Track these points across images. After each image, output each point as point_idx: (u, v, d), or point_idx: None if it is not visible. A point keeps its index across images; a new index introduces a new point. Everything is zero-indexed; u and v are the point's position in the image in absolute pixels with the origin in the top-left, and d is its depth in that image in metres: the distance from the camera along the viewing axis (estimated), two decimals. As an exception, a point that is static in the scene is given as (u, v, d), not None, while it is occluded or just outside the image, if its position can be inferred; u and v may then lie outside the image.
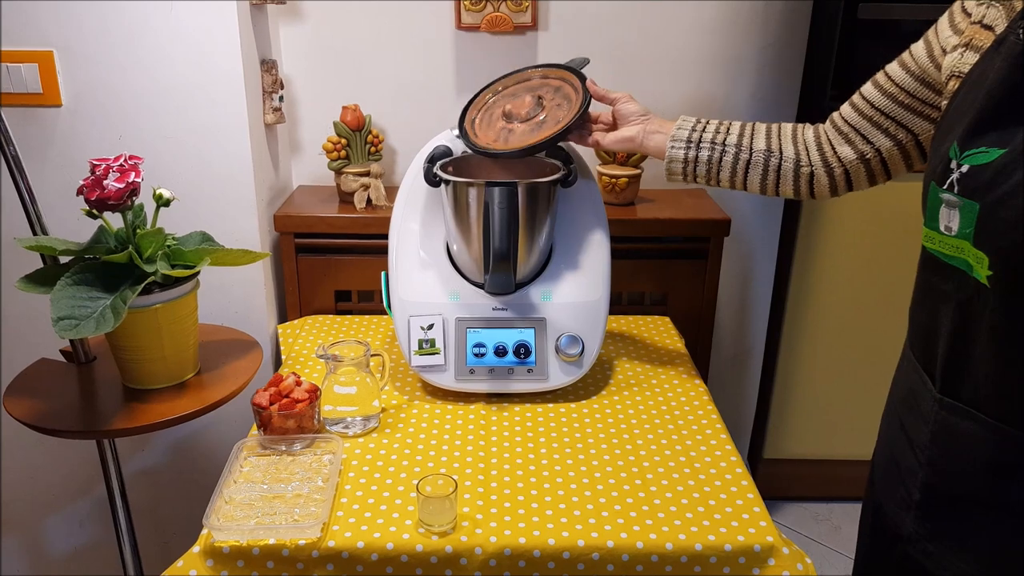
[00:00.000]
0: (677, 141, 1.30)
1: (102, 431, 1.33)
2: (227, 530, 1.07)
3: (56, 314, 1.21)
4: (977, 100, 0.91)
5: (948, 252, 0.92)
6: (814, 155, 1.25)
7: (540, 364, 1.41)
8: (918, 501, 1.02)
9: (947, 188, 0.91)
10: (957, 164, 0.90)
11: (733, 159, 1.28)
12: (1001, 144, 0.86)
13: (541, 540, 1.08)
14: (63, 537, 2.01)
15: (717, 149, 1.28)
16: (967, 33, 1.01)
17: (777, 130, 1.29)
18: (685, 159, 1.30)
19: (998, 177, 0.85)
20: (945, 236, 0.92)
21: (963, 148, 0.90)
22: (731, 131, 1.29)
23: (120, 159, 1.29)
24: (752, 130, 1.29)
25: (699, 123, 1.32)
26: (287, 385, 1.28)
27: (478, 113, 1.44)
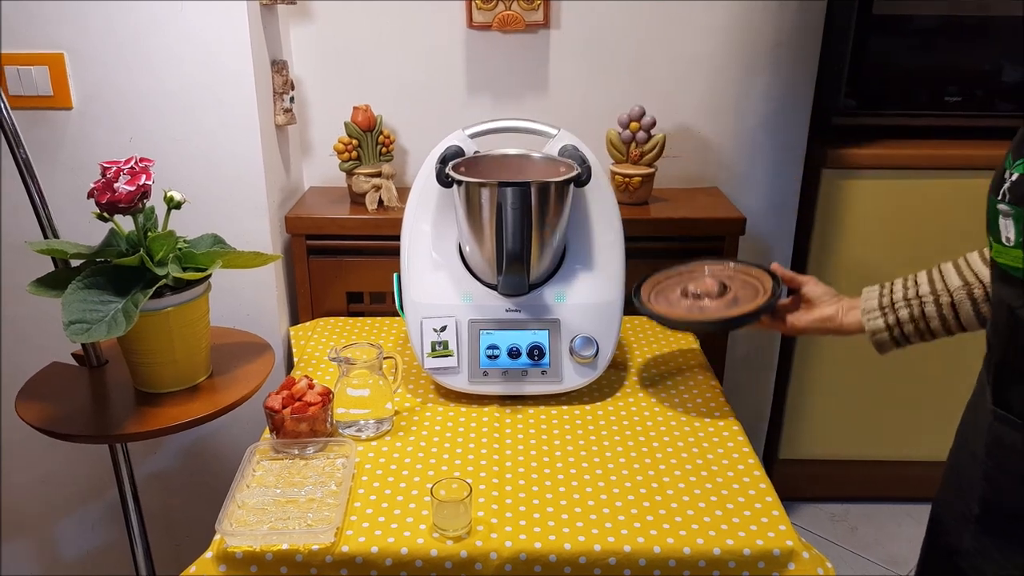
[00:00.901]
0: (870, 312, 1.21)
1: (114, 435, 1.32)
2: (240, 535, 1.06)
3: (68, 318, 1.21)
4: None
5: (1012, 263, 0.90)
6: None
7: (554, 366, 1.40)
8: (977, 515, 1.00)
9: (1000, 198, 0.89)
10: (1010, 173, 0.88)
11: (935, 307, 1.16)
12: None
13: (557, 544, 1.06)
14: (75, 540, 2.01)
15: (915, 304, 1.17)
16: None
17: (964, 262, 1.15)
18: (887, 325, 1.19)
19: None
20: (1007, 247, 0.90)
21: (1016, 156, 0.88)
22: (919, 282, 1.18)
23: (131, 161, 1.29)
24: (940, 272, 1.17)
25: (884, 287, 1.22)
26: (299, 388, 1.27)
27: (651, 291, 1.42)
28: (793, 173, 2.05)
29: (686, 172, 2.01)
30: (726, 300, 1.34)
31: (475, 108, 1.93)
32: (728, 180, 2.03)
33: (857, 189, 2.04)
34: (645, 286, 1.43)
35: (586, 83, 1.92)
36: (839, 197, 2.06)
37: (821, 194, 2.06)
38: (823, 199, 2.06)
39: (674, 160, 1.98)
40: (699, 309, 1.33)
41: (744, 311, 1.30)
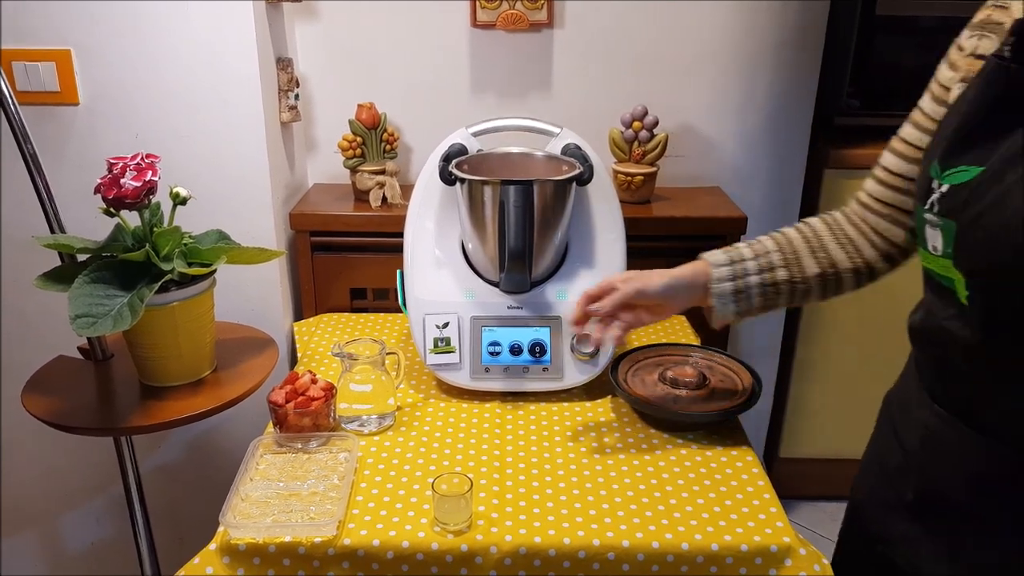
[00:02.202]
0: (715, 258, 1.18)
1: (119, 428, 1.34)
2: (243, 527, 1.07)
3: (74, 312, 1.22)
4: (955, 120, 0.90)
5: (939, 271, 0.91)
6: (868, 252, 1.14)
7: (555, 363, 1.41)
8: (909, 503, 1.02)
9: (928, 208, 0.90)
10: (938, 184, 0.89)
11: (789, 293, 1.16)
12: (980, 162, 0.84)
13: (556, 539, 1.07)
14: (80, 533, 2.02)
15: (768, 290, 1.15)
16: (963, 68, 0.99)
17: (818, 242, 1.16)
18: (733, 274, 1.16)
19: (974, 195, 0.83)
20: (934, 256, 0.91)
21: (943, 167, 0.89)
22: (773, 262, 1.16)
23: (137, 157, 1.30)
24: (794, 250, 1.16)
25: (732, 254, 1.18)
26: (303, 383, 1.28)
27: (628, 369, 1.44)
28: (795, 173, 2.06)
29: (688, 171, 2.02)
30: (703, 393, 1.36)
31: (479, 106, 1.94)
32: (730, 179, 2.04)
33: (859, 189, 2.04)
34: (624, 363, 1.45)
35: (589, 82, 1.93)
36: (841, 197, 2.05)
37: (823, 194, 2.06)
38: (825, 199, 2.06)
39: (676, 159, 1.99)
40: (674, 398, 1.35)
41: (718, 409, 1.33)
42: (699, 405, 1.33)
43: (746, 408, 1.32)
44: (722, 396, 1.36)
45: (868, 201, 1.14)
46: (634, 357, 1.47)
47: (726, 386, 1.38)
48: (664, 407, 1.32)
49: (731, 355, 1.47)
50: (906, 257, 1.14)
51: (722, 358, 1.47)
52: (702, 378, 1.38)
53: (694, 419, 1.32)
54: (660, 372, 1.41)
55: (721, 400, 1.34)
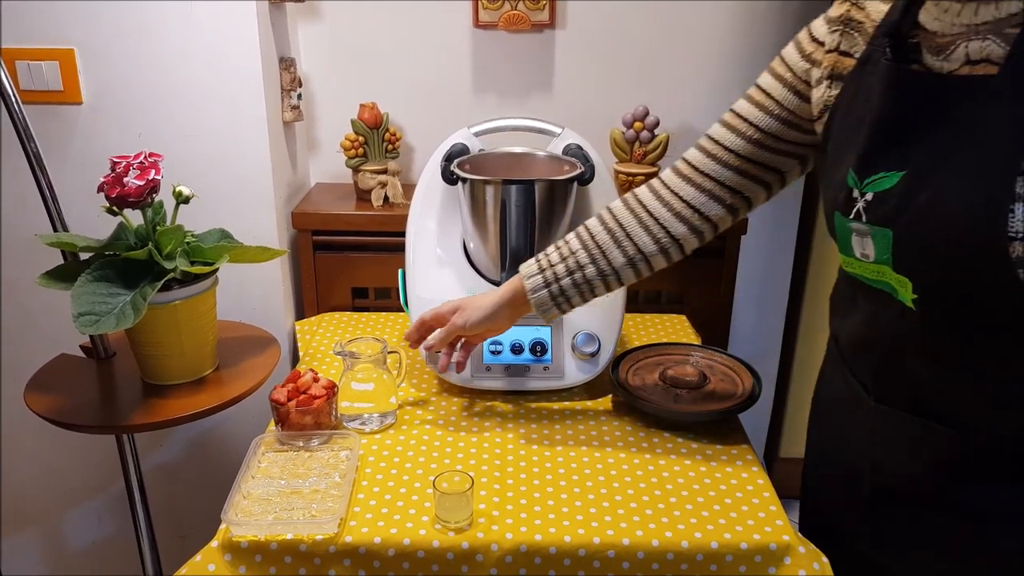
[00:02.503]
0: (529, 269, 1.22)
1: (121, 426, 1.34)
2: (245, 525, 1.08)
3: (77, 310, 1.22)
4: (863, 126, 0.90)
5: (870, 276, 0.93)
6: (677, 228, 1.16)
7: (556, 362, 1.41)
8: (866, 499, 1.03)
9: (854, 217, 0.91)
10: (860, 193, 0.90)
11: (604, 284, 1.20)
12: (899, 166, 0.86)
13: (557, 537, 1.08)
14: (82, 532, 2.03)
15: (582, 287, 1.20)
16: (826, 63, 1.01)
17: (622, 231, 1.17)
18: (545, 281, 1.21)
19: (904, 202, 0.85)
20: (864, 262, 0.92)
21: (861, 176, 0.90)
22: (582, 263, 1.19)
23: (140, 156, 1.30)
24: (601, 250, 1.18)
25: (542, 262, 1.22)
26: (305, 381, 1.28)
27: (629, 368, 1.45)
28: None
29: (689, 171, 2.02)
30: (703, 392, 1.37)
31: (480, 107, 1.94)
32: (731, 180, 2.04)
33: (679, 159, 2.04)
34: (624, 362, 1.46)
35: (590, 83, 1.93)
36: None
37: (824, 194, 2.06)
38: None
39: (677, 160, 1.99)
40: (674, 397, 1.36)
41: (717, 408, 1.33)
42: (699, 404, 1.34)
43: (746, 407, 1.33)
44: (722, 396, 1.36)
45: (688, 172, 1.16)
46: (635, 356, 1.47)
47: (726, 386, 1.39)
48: (664, 406, 1.33)
49: (731, 355, 1.47)
50: (715, 232, 1.18)
51: (722, 357, 1.47)
52: (702, 377, 1.38)
53: (694, 418, 1.32)
54: (661, 371, 1.42)
55: (721, 400, 1.35)
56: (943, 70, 0.86)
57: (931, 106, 0.84)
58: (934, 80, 0.86)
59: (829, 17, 1.04)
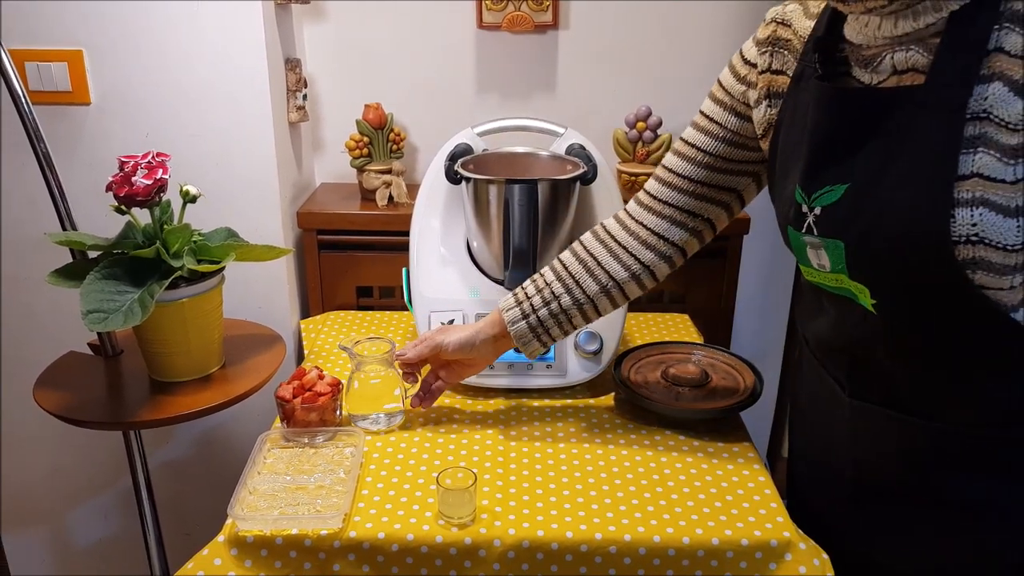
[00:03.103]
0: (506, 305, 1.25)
1: (128, 423, 1.36)
2: (251, 520, 1.09)
3: (85, 307, 1.24)
4: (803, 143, 0.93)
5: (831, 284, 0.95)
6: (646, 255, 1.19)
7: (559, 360, 1.42)
8: (849, 496, 1.04)
9: (806, 231, 0.93)
10: (808, 207, 0.92)
11: (581, 314, 1.23)
12: (842, 179, 0.88)
13: (559, 533, 1.09)
14: (89, 528, 2.05)
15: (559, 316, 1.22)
16: (760, 83, 1.03)
17: (593, 260, 1.21)
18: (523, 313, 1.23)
19: (850, 213, 0.87)
20: (822, 272, 0.94)
21: (808, 191, 0.92)
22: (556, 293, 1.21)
23: (148, 156, 1.32)
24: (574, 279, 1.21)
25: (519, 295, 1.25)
26: (310, 379, 1.30)
27: (631, 367, 1.46)
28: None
29: (692, 172, 2.03)
30: (705, 391, 1.38)
31: (484, 107, 1.96)
32: (734, 180, 2.05)
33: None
34: (627, 360, 1.47)
35: (593, 83, 1.94)
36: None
37: (826, 195, 2.07)
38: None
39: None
40: (676, 395, 1.37)
41: (719, 406, 1.34)
42: (701, 402, 1.35)
43: (748, 406, 1.33)
44: (724, 394, 1.37)
45: (649, 201, 1.19)
46: (637, 355, 1.48)
47: (728, 384, 1.40)
48: (667, 404, 1.34)
49: (733, 353, 1.48)
50: (684, 257, 1.21)
51: (724, 356, 1.48)
52: (704, 376, 1.39)
53: (696, 416, 1.33)
54: (663, 370, 1.43)
55: (723, 398, 1.36)
56: (872, 82, 0.88)
57: (863, 119, 0.86)
58: (863, 94, 0.88)
59: (757, 39, 1.07)
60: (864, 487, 1.03)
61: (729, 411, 1.33)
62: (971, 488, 0.93)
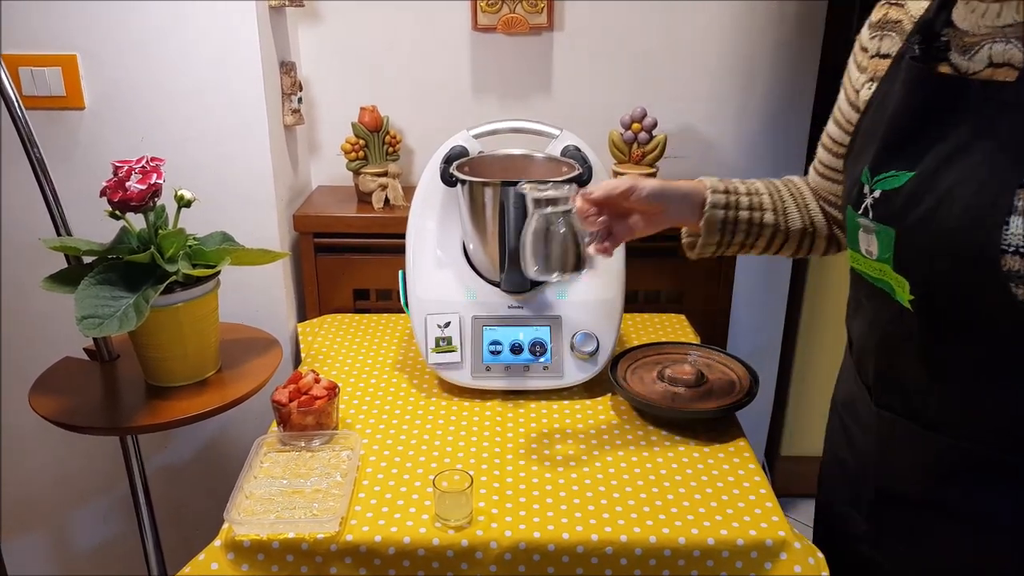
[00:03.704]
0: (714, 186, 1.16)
1: (125, 428, 1.35)
2: (247, 524, 1.09)
3: (80, 313, 1.23)
4: (882, 124, 0.91)
5: (872, 274, 0.93)
6: (819, 221, 1.18)
7: (555, 361, 1.42)
8: (870, 501, 1.04)
9: (862, 213, 0.91)
10: (870, 189, 0.90)
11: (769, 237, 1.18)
12: (909, 167, 0.86)
13: (555, 534, 1.09)
14: (87, 533, 2.04)
15: (753, 231, 1.16)
16: (870, 68, 1.01)
17: (801, 199, 1.19)
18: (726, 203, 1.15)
19: (910, 202, 0.85)
20: (867, 259, 0.93)
21: (874, 172, 0.90)
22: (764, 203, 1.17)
23: (142, 161, 1.32)
24: (782, 198, 1.18)
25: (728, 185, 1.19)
26: (306, 382, 1.30)
27: (627, 368, 1.46)
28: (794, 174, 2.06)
29: (687, 172, 2.03)
30: (701, 391, 1.38)
31: (480, 109, 1.96)
32: (730, 180, 2.05)
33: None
34: (623, 361, 1.47)
35: (589, 84, 1.94)
36: (840, 197, 2.07)
37: (822, 194, 2.07)
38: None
39: (675, 160, 2.00)
40: (672, 396, 1.37)
41: (716, 406, 1.34)
42: (697, 402, 1.35)
43: (743, 405, 1.34)
44: (720, 394, 1.37)
45: (812, 184, 1.20)
46: (633, 356, 1.49)
47: (724, 384, 1.40)
48: (663, 405, 1.34)
49: (729, 353, 1.48)
50: (835, 248, 1.20)
51: (720, 356, 1.48)
52: (700, 376, 1.39)
53: (692, 416, 1.33)
54: (659, 370, 1.43)
55: (719, 398, 1.36)
56: (968, 70, 0.85)
57: (946, 106, 0.84)
58: (952, 82, 0.86)
59: (870, 22, 1.04)
60: (883, 493, 1.03)
61: (725, 411, 1.33)
62: (987, 504, 0.91)
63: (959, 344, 0.87)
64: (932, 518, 0.97)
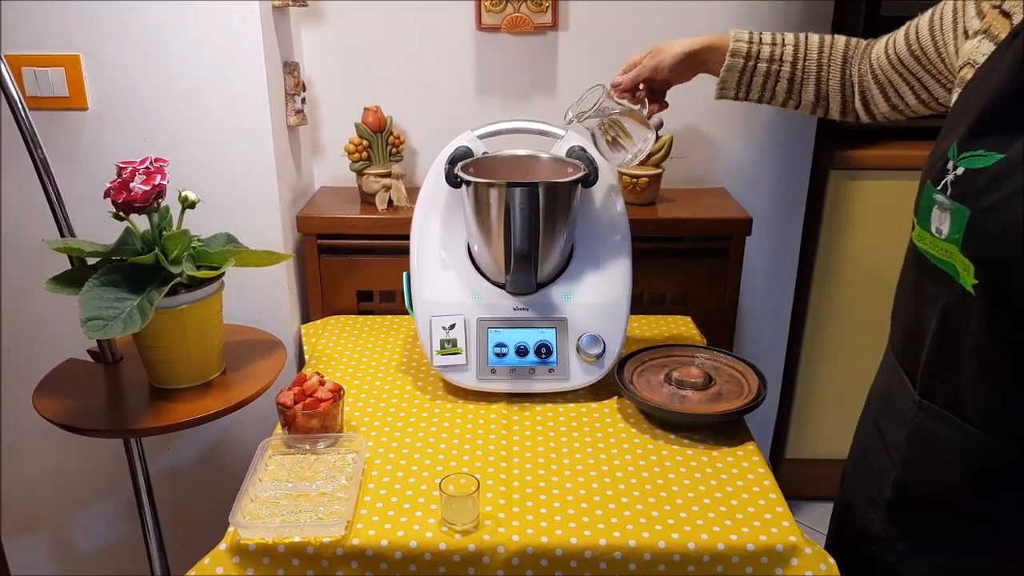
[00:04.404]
0: (738, 35, 1.30)
1: (129, 430, 1.35)
2: (253, 527, 1.08)
3: (84, 315, 1.23)
4: (981, 99, 0.88)
5: (937, 255, 0.91)
6: (858, 104, 1.26)
7: (561, 364, 1.42)
8: (889, 500, 1.03)
9: (941, 189, 0.89)
10: (954, 165, 0.88)
11: (791, 67, 1.28)
12: (1001, 148, 0.84)
13: (563, 539, 1.08)
14: (90, 535, 2.04)
15: (777, 50, 1.28)
16: (988, 18, 0.96)
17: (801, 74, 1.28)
18: (747, 52, 1.29)
19: (992, 184, 0.83)
20: (936, 238, 0.90)
21: (961, 149, 0.88)
22: (787, 41, 1.29)
23: (146, 162, 1.31)
24: (806, 46, 1.28)
25: (754, 36, 1.30)
26: (311, 385, 1.29)
27: (634, 370, 1.45)
28: (800, 174, 2.06)
29: (693, 173, 2.03)
30: (709, 394, 1.36)
31: (484, 109, 1.95)
32: (735, 181, 2.04)
33: (865, 190, 2.05)
34: (630, 364, 1.45)
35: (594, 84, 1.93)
36: (847, 198, 2.07)
37: (828, 195, 2.07)
38: (830, 200, 2.07)
39: (681, 161, 1.99)
40: (680, 399, 1.35)
41: (725, 409, 1.32)
42: (705, 406, 1.34)
43: (752, 409, 1.33)
44: (728, 397, 1.36)
45: (874, 64, 1.22)
46: (640, 358, 1.48)
47: (732, 387, 1.39)
48: (670, 408, 1.33)
49: (737, 356, 1.47)
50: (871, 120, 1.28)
51: (728, 359, 1.47)
52: (708, 379, 1.38)
53: (700, 420, 1.32)
54: (666, 373, 1.42)
55: (727, 401, 1.35)
56: None
57: None
58: None
59: None
60: (902, 491, 1.01)
61: (733, 415, 1.32)
62: (1013, 511, 0.90)
63: (1017, 338, 0.85)
64: (951, 520, 0.95)
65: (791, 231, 2.11)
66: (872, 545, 1.07)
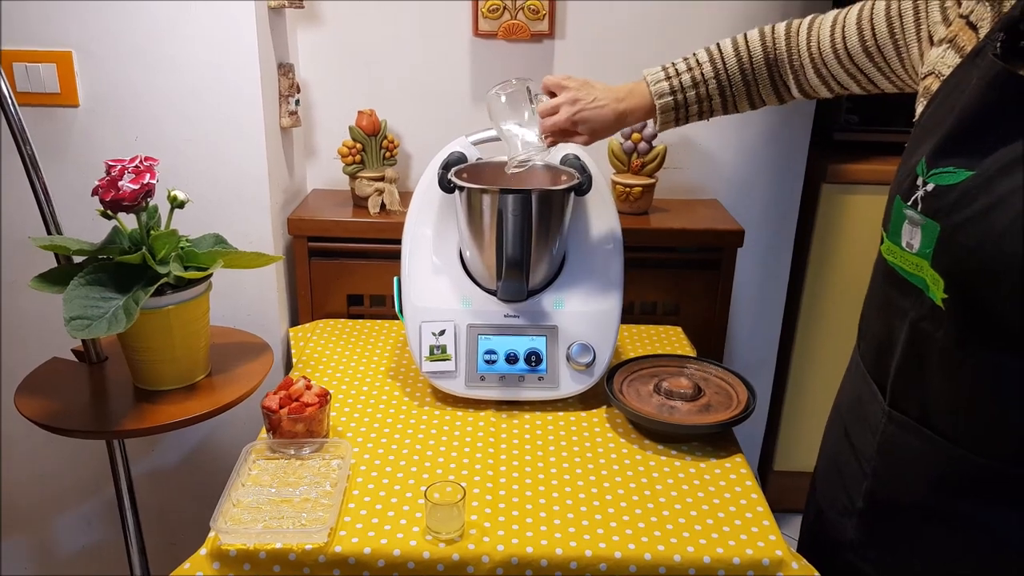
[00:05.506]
0: (655, 75, 1.34)
1: (112, 431, 1.33)
2: (234, 533, 1.07)
3: (69, 314, 1.21)
4: (950, 116, 0.89)
5: (908, 268, 0.92)
6: (795, 94, 1.29)
7: (551, 372, 1.41)
8: (861, 509, 1.03)
9: (911, 205, 0.90)
10: (923, 181, 0.89)
11: (715, 79, 1.31)
12: (969, 166, 0.85)
13: (548, 549, 1.07)
14: (71, 536, 2.02)
15: (696, 70, 1.31)
16: (954, 27, 0.97)
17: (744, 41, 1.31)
18: (671, 88, 1.32)
19: (962, 200, 0.84)
20: (906, 252, 0.92)
21: (930, 165, 0.89)
22: (700, 59, 1.32)
23: (135, 160, 1.30)
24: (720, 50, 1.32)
25: (668, 70, 1.34)
26: (297, 389, 1.28)
27: (623, 380, 1.44)
28: (793, 186, 2.06)
29: (686, 183, 2.03)
30: (698, 405, 1.36)
31: (479, 115, 1.94)
32: (728, 192, 2.04)
33: (856, 204, 2.05)
34: (619, 373, 1.45)
35: (589, 93, 1.93)
36: (838, 212, 2.07)
37: (820, 208, 2.07)
38: (822, 213, 2.07)
39: (675, 171, 1.99)
40: (669, 409, 1.35)
41: (713, 421, 1.31)
42: (694, 417, 1.33)
43: (740, 421, 1.32)
44: (717, 408, 1.35)
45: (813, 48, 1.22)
46: (629, 368, 1.47)
47: (721, 399, 1.38)
48: (659, 418, 1.32)
49: (727, 367, 1.47)
50: None
51: (717, 370, 1.46)
52: (697, 390, 1.38)
53: (688, 431, 1.32)
54: (655, 383, 1.41)
55: (716, 412, 1.34)
56: None
57: (1018, 112, 0.83)
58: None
59: None
60: (873, 500, 1.01)
61: (722, 427, 1.31)
62: (988, 519, 0.90)
63: (985, 351, 0.85)
64: (923, 527, 0.96)
65: (783, 244, 2.11)
66: (847, 553, 1.07)
